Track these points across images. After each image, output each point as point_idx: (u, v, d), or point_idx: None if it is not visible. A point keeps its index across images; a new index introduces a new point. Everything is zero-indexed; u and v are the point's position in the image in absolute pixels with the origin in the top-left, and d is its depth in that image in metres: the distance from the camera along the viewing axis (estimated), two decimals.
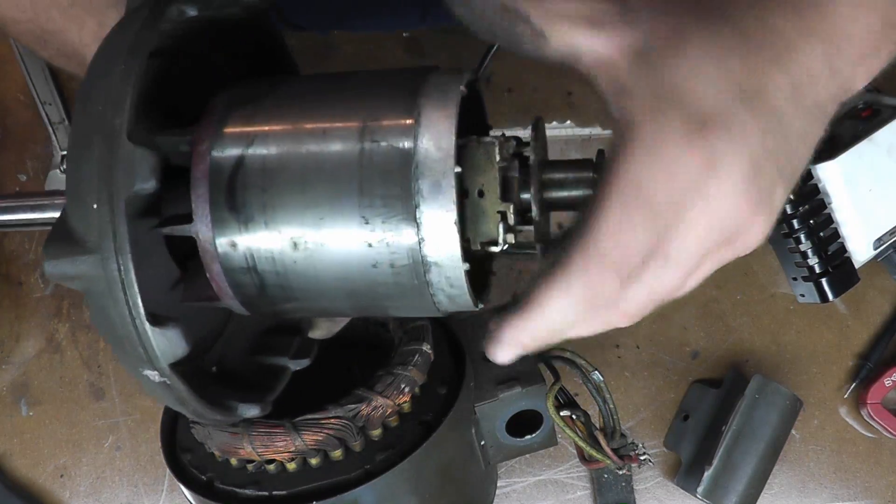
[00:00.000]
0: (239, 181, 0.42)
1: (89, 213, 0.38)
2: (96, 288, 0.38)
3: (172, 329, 0.39)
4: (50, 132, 0.84)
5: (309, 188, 0.41)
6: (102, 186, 0.37)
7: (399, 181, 0.40)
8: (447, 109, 0.41)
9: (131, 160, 0.38)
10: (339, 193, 0.41)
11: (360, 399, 0.56)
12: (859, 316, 0.84)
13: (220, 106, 0.45)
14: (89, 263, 0.38)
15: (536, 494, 0.81)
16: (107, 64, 0.39)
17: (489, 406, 0.64)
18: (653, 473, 0.82)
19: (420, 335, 0.61)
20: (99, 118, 0.38)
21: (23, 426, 0.82)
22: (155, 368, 0.39)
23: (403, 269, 0.41)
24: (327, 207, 0.41)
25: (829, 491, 0.82)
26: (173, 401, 0.42)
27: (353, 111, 0.42)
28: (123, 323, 0.38)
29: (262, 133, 0.43)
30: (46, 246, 0.39)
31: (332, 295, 0.44)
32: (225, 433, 0.56)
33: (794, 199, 0.74)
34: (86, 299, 0.40)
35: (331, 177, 0.41)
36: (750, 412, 0.75)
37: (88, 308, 0.40)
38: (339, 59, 0.86)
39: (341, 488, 0.55)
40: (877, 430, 0.82)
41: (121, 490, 0.81)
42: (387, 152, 0.40)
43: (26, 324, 0.83)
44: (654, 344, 0.83)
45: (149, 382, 0.41)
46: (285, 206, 0.42)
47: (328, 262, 0.42)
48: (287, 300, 0.45)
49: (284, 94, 0.45)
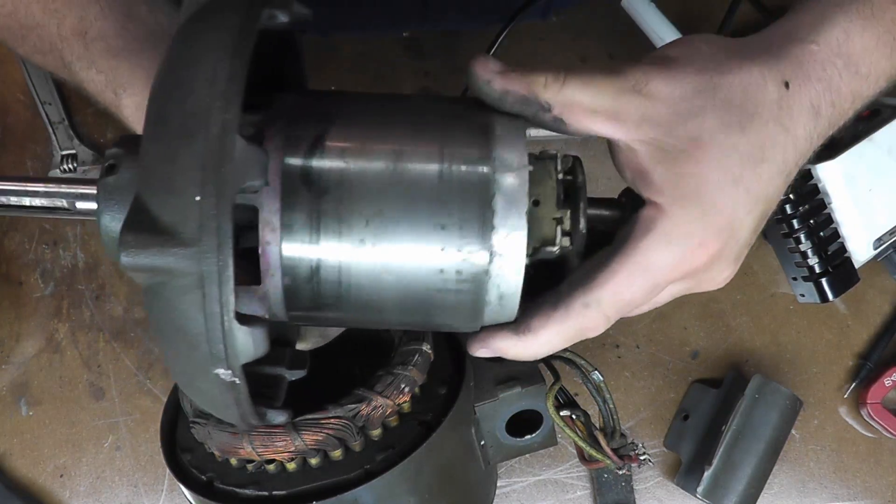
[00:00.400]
0: (313, 190, 0.42)
1: (188, 205, 0.36)
2: (181, 282, 0.37)
3: (258, 329, 0.39)
4: (50, 132, 0.84)
5: (385, 202, 0.42)
6: (209, 179, 0.36)
7: (476, 200, 0.42)
8: (518, 140, 0.44)
9: (244, 157, 0.37)
10: (416, 209, 0.42)
11: (359, 399, 0.56)
12: (859, 316, 0.84)
13: (286, 111, 0.44)
14: (181, 257, 0.37)
15: (536, 494, 0.81)
16: (205, 59, 0.38)
17: (489, 406, 0.64)
18: (653, 473, 0.82)
19: (420, 335, 0.61)
20: (204, 112, 0.37)
21: (23, 426, 0.82)
22: (229, 367, 0.38)
23: (467, 282, 0.43)
24: (403, 221, 0.42)
25: (829, 491, 0.82)
26: (231, 402, 0.41)
27: (426, 133, 0.44)
28: (210, 320, 0.37)
29: (338, 147, 0.43)
30: (125, 233, 0.38)
31: (386, 306, 0.45)
32: (225, 433, 0.56)
33: (794, 199, 0.74)
34: (152, 294, 0.38)
35: (408, 193, 0.42)
36: (750, 412, 0.75)
37: (153, 304, 0.39)
38: (339, 59, 0.86)
39: (341, 488, 0.55)
40: (877, 430, 0.82)
41: (121, 490, 0.81)
42: (465, 174, 0.43)
43: (26, 324, 0.83)
44: (654, 344, 0.83)
45: (213, 384, 0.39)
46: (360, 218, 0.42)
47: (395, 274, 0.43)
48: (336, 309, 0.45)
49: (352, 109, 0.45)
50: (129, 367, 0.82)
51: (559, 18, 0.87)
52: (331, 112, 0.45)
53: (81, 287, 0.83)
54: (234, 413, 0.42)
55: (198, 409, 0.60)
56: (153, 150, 0.39)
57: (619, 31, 0.85)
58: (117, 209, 0.45)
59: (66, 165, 0.83)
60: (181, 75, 0.39)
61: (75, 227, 0.84)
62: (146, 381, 0.82)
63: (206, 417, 0.58)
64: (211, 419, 0.58)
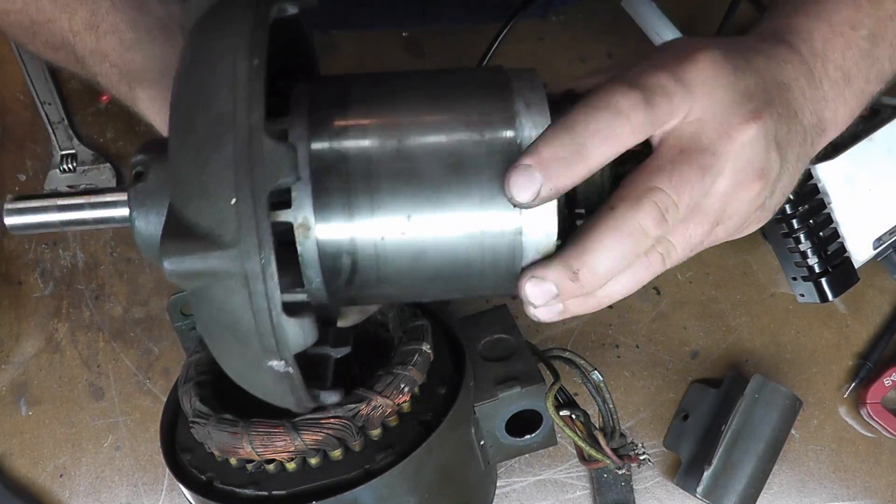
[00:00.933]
0: (342, 169, 0.43)
1: (225, 209, 0.38)
2: (226, 283, 0.38)
3: (306, 318, 0.40)
4: (49, 132, 0.84)
5: (416, 173, 0.43)
6: (243, 182, 0.37)
7: (504, 160, 0.43)
8: (539, 101, 0.45)
9: (273, 155, 0.38)
10: (448, 179, 0.43)
11: (359, 399, 0.56)
12: (859, 316, 0.84)
13: (305, 99, 0.45)
14: (224, 258, 0.38)
15: (536, 494, 0.81)
16: (223, 62, 0.39)
17: (489, 406, 0.64)
18: (652, 473, 0.82)
19: (420, 335, 0.61)
20: (229, 116, 0.38)
21: (22, 426, 0.82)
22: (282, 358, 0.40)
23: (503, 242, 0.44)
24: (435, 192, 0.43)
25: (829, 491, 0.82)
26: (286, 391, 0.42)
27: (450, 106, 0.45)
28: (259, 316, 0.38)
29: (361, 126, 0.44)
30: (165, 242, 0.39)
31: (424, 278, 0.45)
32: (225, 433, 0.56)
33: (794, 198, 0.74)
34: (199, 297, 0.39)
35: (437, 162, 0.43)
36: (749, 412, 0.75)
37: (200, 306, 0.40)
38: (339, 58, 0.86)
39: (341, 488, 0.55)
40: (876, 430, 0.82)
41: (120, 490, 0.81)
42: (491, 141, 0.44)
43: (26, 323, 0.83)
44: (653, 344, 0.83)
45: (267, 375, 0.41)
46: (392, 193, 0.43)
47: (432, 244, 0.44)
48: (375, 287, 0.46)
49: (370, 90, 0.46)
50: (129, 367, 0.82)
51: (559, 18, 0.87)
52: (349, 94, 0.46)
53: (81, 287, 0.83)
54: (291, 400, 0.43)
55: (197, 409, 0.60)
56: (183, 158, 0.39)
57: (619, 31, 0.85)
58: (150, 214, 0.46)
59: (66, 165, 0.83)
60: (201, 80, 0.40)
61: None
62: (146, 381, 0.82)
63: (206, 417, 0.58)
64: (211, 419, 0.58)
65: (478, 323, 0.72)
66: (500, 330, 0.71)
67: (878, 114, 0.78)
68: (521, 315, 0.82)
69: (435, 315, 0.68)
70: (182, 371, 0.66)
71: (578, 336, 0.83)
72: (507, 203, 0.43)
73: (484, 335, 0.70)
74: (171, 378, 0.81)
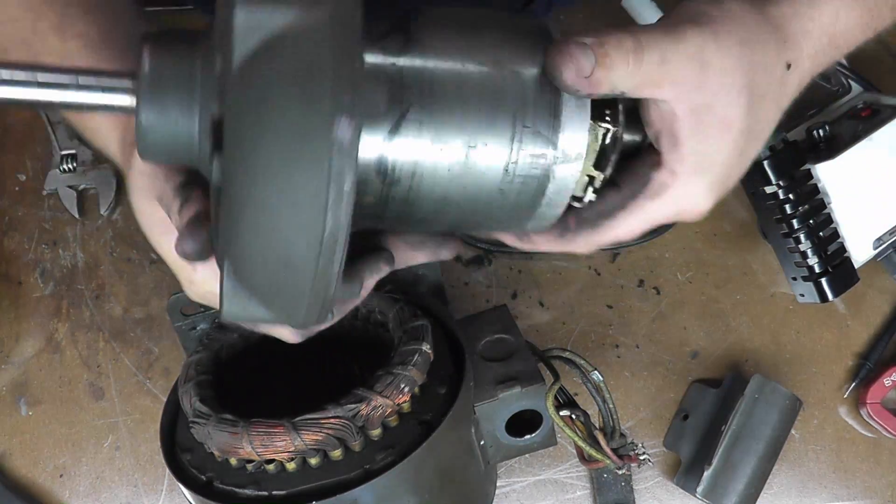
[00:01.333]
0: (395, 84, 0.42)
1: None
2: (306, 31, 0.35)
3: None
4: (49, 132, 0.84)
5: (466, 104, 0.43)
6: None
7: (548, 108, 0.44)
8: None
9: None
10: (496, 112, 0.43)
11: (359, 399, 0.56)
12: (859, 316, 0.84)
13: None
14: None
15: (536, 494, 0.81)
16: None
17: (489, 406, 0.64)
18: (652, 473, 0.82)
19: (420, 335, 0.61)
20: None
21: (22, 426, 0.82)
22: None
23: (532, 181, 0.45)
24: (481, 123, 0.43)
25: (829, 491, 0.82)
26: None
27: (499, 48, 0.44)
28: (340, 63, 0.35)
29: (419, 46, 0.43)
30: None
31: (450, 208, 0.45)
32: (225, 433, 0.56)
33: (794, 199, 0.74)
34: (265, 52, 0.35)
35: (487, 97, 0.43)
36: (749, 412, 0.75)
37: (262, 66, 0.35)
38: None
39: (341, 488, 0.55)
40: (876, 430, 0.82)
41: (120, 490, 0.81)
42: (538, 83, 0.44)
43: (26, 323, 0.83)
44: (653, 344, 0.83)
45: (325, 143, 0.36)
46: (442, 115, 0.43)
47: (470, 173, 0.44)
48: (399, 212, 0.45)
49: (425, 20, 0.45)
50: (129, 367, 0.82)
51: (559, 18, 0.87)
52: (403, 20, 0.45)
53: (81, 287, 0.83)
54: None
55: (197, 410, 0.60)
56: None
57: None
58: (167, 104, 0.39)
59: (66, 165, 0.83)
60: None
61: (75, 227, 0.84)
62: (146, 381, 0.82)
63: (206, 417, 0.58)
64: (211, 419, 0.58)
65: (478, 323, 0.72)
66: (500, 330, 0.71)
67: (878, 114, 0.78)
68: (521, 315, 0.82)
69: (435, 315, 0.68)
70: (182, 371, 0.66)
71: (578, 336, 0.83)
72: (551, 140, 0.44)
73: (484, 335, 0.70)
74: (171, 378, 0.81)
